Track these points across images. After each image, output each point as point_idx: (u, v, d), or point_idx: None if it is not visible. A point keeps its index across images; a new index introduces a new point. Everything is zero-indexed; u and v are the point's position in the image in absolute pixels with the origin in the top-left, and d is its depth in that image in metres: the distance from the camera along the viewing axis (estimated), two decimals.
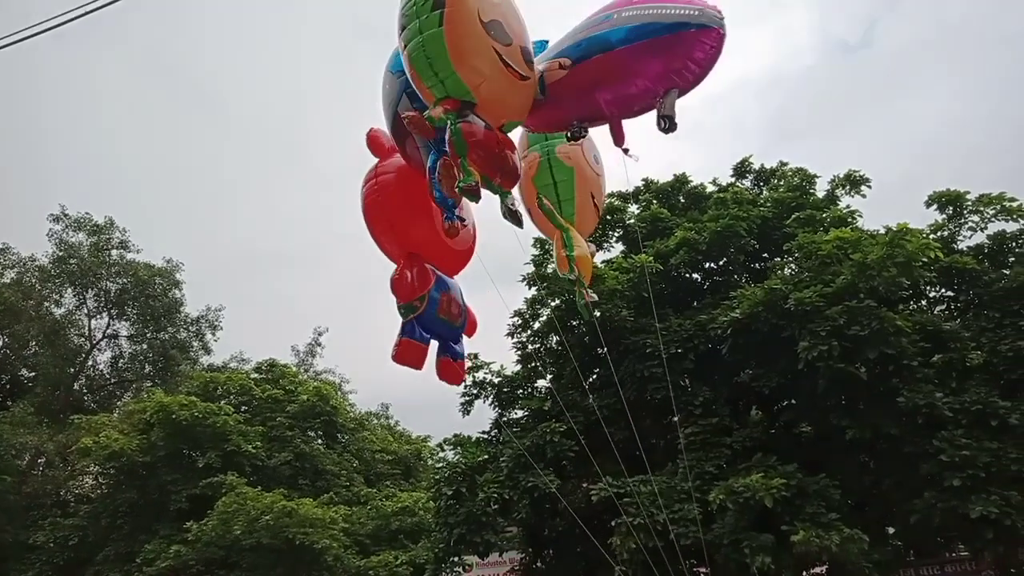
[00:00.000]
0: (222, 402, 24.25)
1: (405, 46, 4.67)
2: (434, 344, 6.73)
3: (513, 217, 5.14)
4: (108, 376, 33.49)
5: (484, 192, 4.97)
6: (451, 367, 6.71)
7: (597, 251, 16.72)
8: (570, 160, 6.54)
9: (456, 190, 4.80)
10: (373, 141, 6.25)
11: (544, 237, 10.91)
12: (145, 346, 32.83)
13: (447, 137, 4.66)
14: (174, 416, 21.78)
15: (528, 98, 5.20)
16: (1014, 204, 13.04)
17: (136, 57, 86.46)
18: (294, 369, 30.35)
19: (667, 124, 4.94)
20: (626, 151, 5.44)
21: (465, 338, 7.02)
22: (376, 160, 6.34)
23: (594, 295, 6.73)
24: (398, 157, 6.13)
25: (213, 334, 33.89)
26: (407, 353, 6.29)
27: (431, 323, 6.42)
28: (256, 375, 28.12)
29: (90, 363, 32.69)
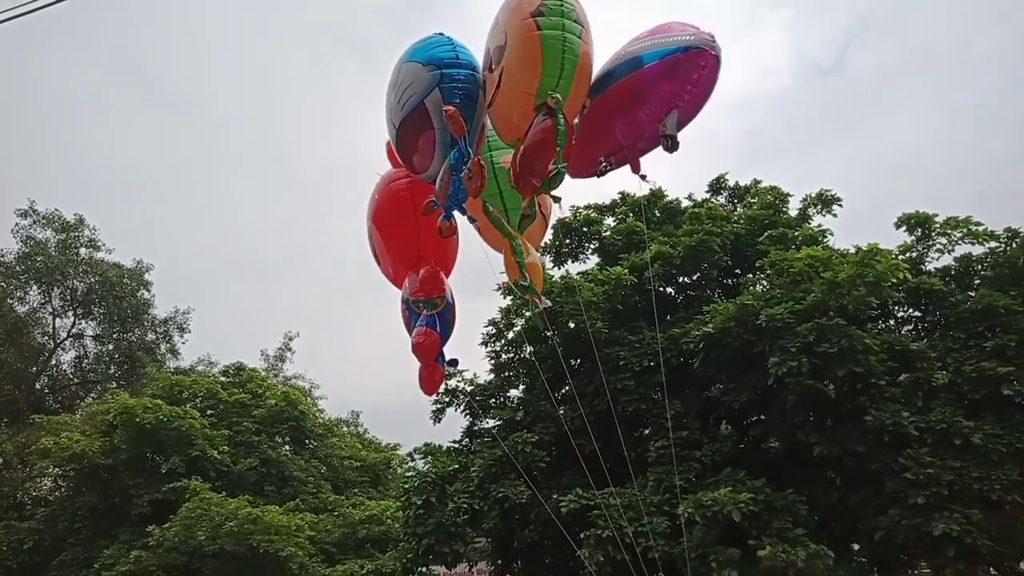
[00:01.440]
0: (188, 406, 23.83)
1: (539, 29, 4.98)
2: None
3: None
4: (71, 376, 32.78)
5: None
6: (438, 374, 6.77)
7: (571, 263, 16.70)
8: None
9: (552, 170, 5.21)
10: (393, 153, 6.43)
11: None
12: (111, 347, 32.22)
13: (553, 125, 4.99)
14: (138, 419, 21.34)
15: None
16: (980, 228, 13.34)
17: (108, 58, 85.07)
18: (263, 373, 29.95)
19: (670, 143, 5.43)
20: (643, 177, 5.97)
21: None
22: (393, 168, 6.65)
23: (547, 302, 6.97)
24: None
25: (181, 336, 33.40)
26: (429, 344, 6.29)
27: (444, 325, 6.49)
28: (223, 379, 27.70)
29: (53, 362, 32.02)
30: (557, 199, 5.84)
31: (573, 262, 17.49)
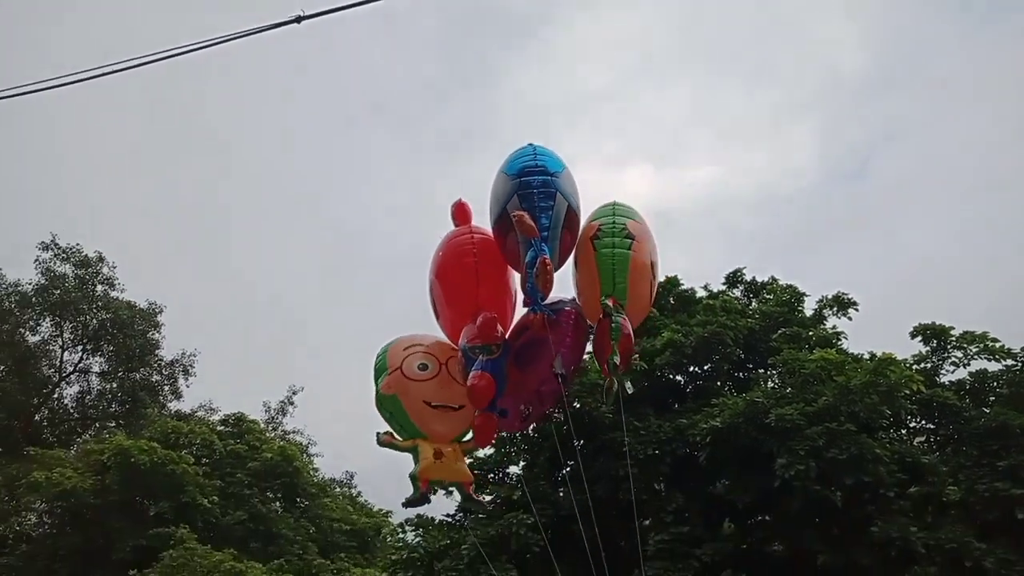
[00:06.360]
0: (183, 452, 23.54)
1: (596, 250, 5.88)
2: None
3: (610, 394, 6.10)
4: (72, 411, 32.60)
5: None
6: (491, 423, 6.49)
7: None
8: None
9: (608, 364, 5.79)
10: (460, 210, 6.75)
11: None
12: (115, 385, 32.14)
13: (608, 325, 5.67)
14: (132, 459, 21.08)
15: None
16: (996, 345, 13.25)
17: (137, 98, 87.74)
18: (262, 425, 29.64)
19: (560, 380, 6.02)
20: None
21: None
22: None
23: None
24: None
25: (186, 379, 33.25)
26: (485, 387, 5.99)
27: (498, 373, 6.22)
28: (222, 427, 27.44)
29: (56, 396, 31.91)
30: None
31: None
